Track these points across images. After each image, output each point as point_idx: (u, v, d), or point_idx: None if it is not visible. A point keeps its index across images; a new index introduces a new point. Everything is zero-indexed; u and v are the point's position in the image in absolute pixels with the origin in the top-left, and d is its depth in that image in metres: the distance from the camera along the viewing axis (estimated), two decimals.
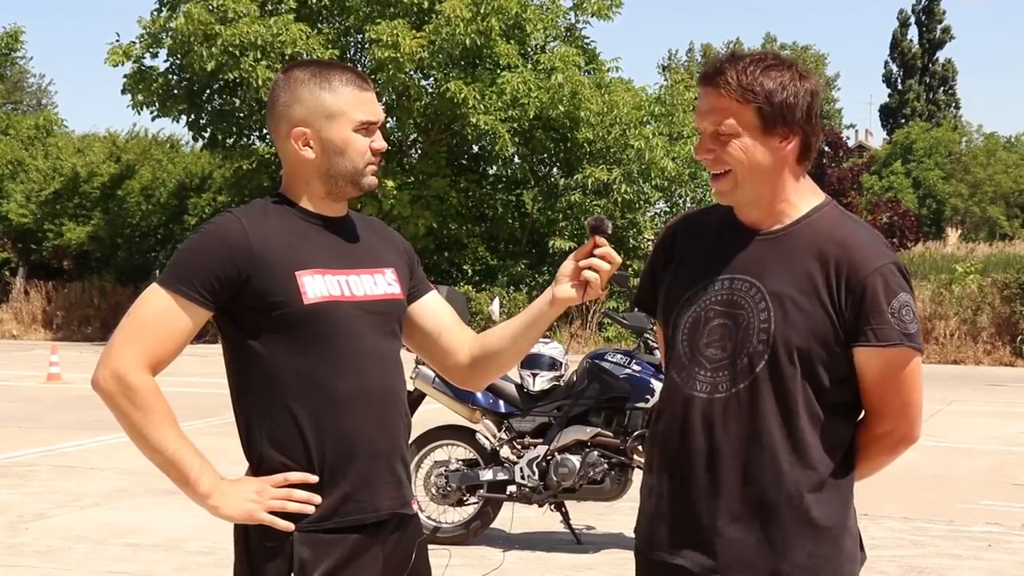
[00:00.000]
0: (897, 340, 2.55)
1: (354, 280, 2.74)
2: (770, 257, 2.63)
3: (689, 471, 2.63)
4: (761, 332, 2.58)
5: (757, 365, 2.57)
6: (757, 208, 2.66)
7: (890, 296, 2.56)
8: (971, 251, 36.44)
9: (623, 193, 25.66)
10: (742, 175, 2.60)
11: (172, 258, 2.71)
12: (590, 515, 8.09)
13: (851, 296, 2.55)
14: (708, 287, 2.67)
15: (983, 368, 22.14)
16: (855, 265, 2.56)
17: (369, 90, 2.78)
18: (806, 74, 2.62)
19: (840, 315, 2.56)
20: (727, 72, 2.57)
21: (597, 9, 27.10)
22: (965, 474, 10.38)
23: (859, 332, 2.55)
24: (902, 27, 61.06)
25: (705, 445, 2.61)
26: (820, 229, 2.63)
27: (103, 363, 2.63)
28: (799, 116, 2.58)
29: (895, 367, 2.59)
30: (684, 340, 2.68)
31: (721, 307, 2.64)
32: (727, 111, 2.57)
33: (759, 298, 2.60)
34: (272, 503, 2.62)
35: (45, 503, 8.68)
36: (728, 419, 2.59)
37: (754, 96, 2.55)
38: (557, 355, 7.62)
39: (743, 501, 2.59)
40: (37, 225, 30.87)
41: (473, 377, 2.99)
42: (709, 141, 2.61)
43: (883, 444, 2.69)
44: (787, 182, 2.64)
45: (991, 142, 54.02)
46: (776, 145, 2.59)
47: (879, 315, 2.55)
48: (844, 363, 2.59)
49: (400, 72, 24.13)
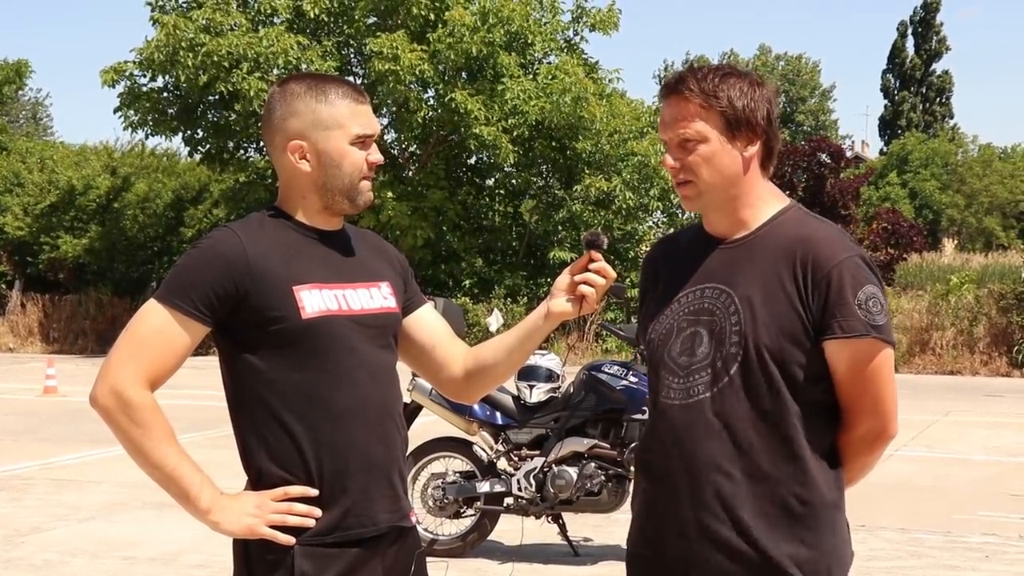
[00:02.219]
0: (864, 331, 2.59)
1: (351, 294, 2.75)
2: (738, 262, 2.68)
3: (672, 477, 2.67)
4: (733, 335, 2.62)
5: (731, 368, 2.62)
6: (723, 214, 2.72)
7: (856, 288, 2.59)
8: (967, 261, 36.45)
9: (627, 200, 25.66)
10: (706, 183, 2.66)
11: (169, 273, 2.71)
12: (587, 527, 8.09)
13: (817, 291, 2.59)
14: (680, 299, 2.73)
15: (980, 378, 22.14)
16: (819, 260, 2.61)
17: (365, 103, 2.79)
18: (762, 81, 2.70)
19: (808, 310, 2.60)
20: (689, 80, 2.64)
21: (597, 22, 27.18)
22: (962, 485, 10.38)
23: (826, 325, 2.59)
24: (901, 38, 61.20)
25: (685, 451, 2.65)
26: (785, 230, 2.69)
27: (101, 379, 2.63)
28: (761, 120, 2.66)
29: (863, 359, 2.62)
30: (659, 351, 2.74)
31: (693, 315, 2.70)
32: (693, 117, 2.64)
33: (729, 303, 2.65)
34: (273, 517, 2.62)
35: (41, 516, 8.67)
36: (705, 423, 2.63)
37: (717, 101, 2.62)
38: (554, 367, 7.62)
39: (726, 503, 2.62)
40: (33, 238, 30.84)
41: (467, 390, 2.99)
42: (676, 151, 2.68)
43: (862, 443, 2.71)
44: (752, 187, 2.70)
45: (987, 153, 54.06)
46: (741, 149, 2.66)
47: (845, 307, 2.58)
48: (817, 360, 2.62)
49: (399, 85, 24.15)
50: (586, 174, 26.12)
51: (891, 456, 11.46)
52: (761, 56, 68.57)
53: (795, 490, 2.62)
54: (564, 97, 24.70)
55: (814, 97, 68.81)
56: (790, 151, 27.49)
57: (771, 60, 68.78)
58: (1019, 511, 9.10)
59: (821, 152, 28.28)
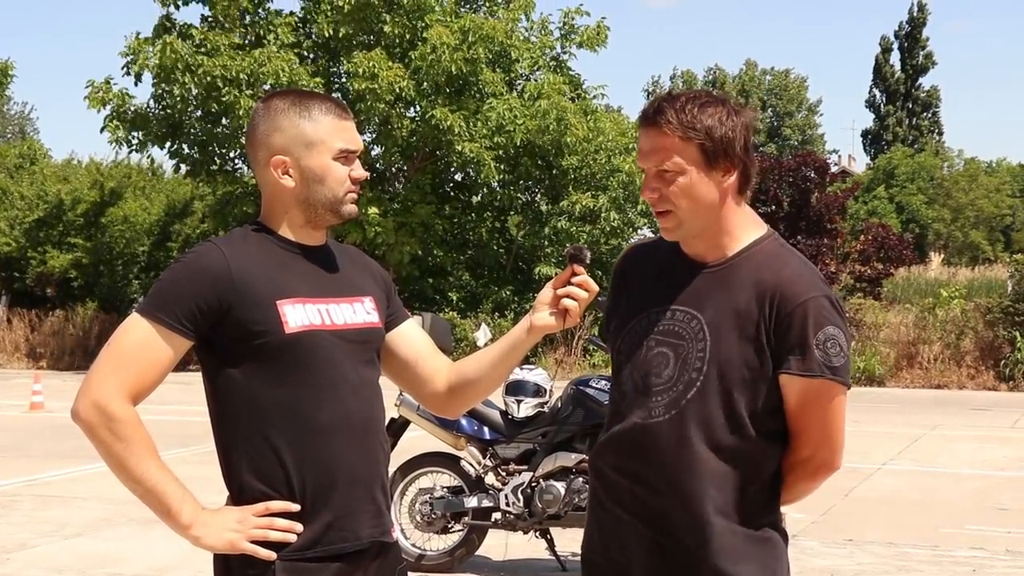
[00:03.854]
0: (818, 372, 2.62)
1: (334, 309, 2.75)
2: (711, 290, 2.71)
3: (624, 494, 2.71)
4: (697, 360, 2.65)
5: (690, 392, 2.65)
6: (702, 240, 2.74)
7: (816, 328, 2.62)
8: (953, 275, 36.57)
9: (610, 220, 25.72)
10: (685, 213, 2.68)
11: (153, 287, 2.71)
12: (575, 542, 8.05)
13: (779, 326, 2.63)
14: (651, 317, 2.76)
15: (967, 392, 22.17)
16: (786, 296, 2.64)
17: (349, 119, 2.80)
18: (740, 109, 2.71)
19: (770, 344, 2.63)
20: (667, 112, 2.65)
21: (585, 40, 27.24)
22: (949, 499, 10.39)
23: (783, 359, 2.63)
24: (884, 52, 61.42)
25: (638, 469, 2.69)
26: (758, 261, 2.71)
27: (83, 393, 2.62)
28: (739, 149, 2.67)
29: (815, 397, 2.66)
30: (625, 367, 2.77)
31: (662, 336, 2.72)
32: (670, 149, 2.65)
33: (698, 328, 2.68)
34: (254, 532, 2.62)
35: (28, 533, 8.64)
36: (660, 444, 2.66)
37: (695, 133, 2.63)
38: (542, 381, 7.62)
39: (672, 525, 2.66)
40: (20, 253, 30.75)
41: (450, 404, 2.99)
42: (654, 180, 2.69)
43: (804, 469, 2.75)
44: (729, 214, 2.73)
45: (972, 167, 54.30)
46: (719, 179, 2.67)
47: (804, 346, 2.62)
48: (776, 392, 2.66)
49: (379, 103, 24.17)
50: (572, 191, 26.18)
51: (878, 470, 11.48)
52: (748, 71, 68.82)
53: (748, 513, 2.67)
54: (547, 117, 24.75)
55: (801, 111, 69.06)
56: (775, 166, 27.54)
57: (758, 75, 69.03)
58: (1006, 525, 9.11)
59: (806, 167, 28.32)
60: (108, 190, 30.90)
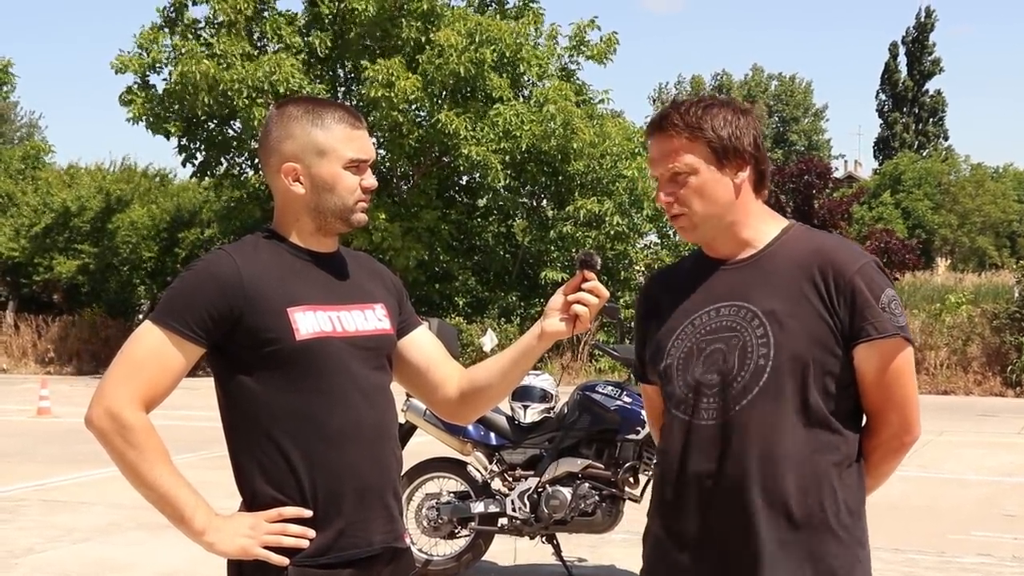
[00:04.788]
0: (893, 331, 2.64)
1: (345, 316, 2.76)
2: (752, 279, 2.71)
3: (709, 496, 2.66)
4: (761, 347, 2.64)
5: (760, 381, 2.63)
6: (724, 240, 2.75)
7: (877, 292, 2.65)
8: (960, 281, 36.53)
9: (615, 226, 25.71)
10: (700, 214, 2.70)
11: (165, 295, 2.72)
12: (582, 547, 8.09)
13: (842, 296, 2.64)
14: (694, 321, 2.74)
15: (973, 398, 22.14)
16: (838, 267, 2.65)
17: (361, 128, 2.81)
18: (745, 109, 2.74)
19: (836, 316, 2.64)
20: (672, 116, 2.69)
21: (595, 54, 27.20)
22: (956, 505, 10.38)
23: (859, 329, 2.64)
24: (893, 58, 61.43)
25: (722, 469, 2.65)
26: (794, 245, 2.73)
27: (96, 401, 2.64)
28: (748, 146, 2.70)
29: (891, 359, 2.66)
30: (679, 375, 2.73)
31: (712, 334, 2.70)
32: (680, 151, 2.68)
33: (751, 317, 2.67)
34: (267, 538, 2.63)
35: (36, 538, 8.65)
36: (738, 439, 2.63)
37: (702, 132, 2.67)
38: (548, 387, 7.62)
39: (766, 517, 2.62)
40: (27, 259, 30.83)
41: (462, 411, 3.00)
42: (667, 185, 2.72)
43: (888, 447, 2.75)
44: (747, 211, 2.74)
45: (979, 173, 54.26)
46: (732, 176, 2.70)
47: (873, 310, 2.63)
48: (847, 367, 2.66)
49: (393, 110, 24.19)
50: (577, 196, 26.16)
51: None
52: (754, 76, 68.82)
53: (832, 498, 2.65)
54: (553, 122, 24.75)
55: (807, 117, 69.04)
56: (776, 172, 27.56)
57: (764, 80, 69.04)
58: (1013, 531, 9.10)
59: (808, 173, 28.35)
60: (114, 196, 30.96)
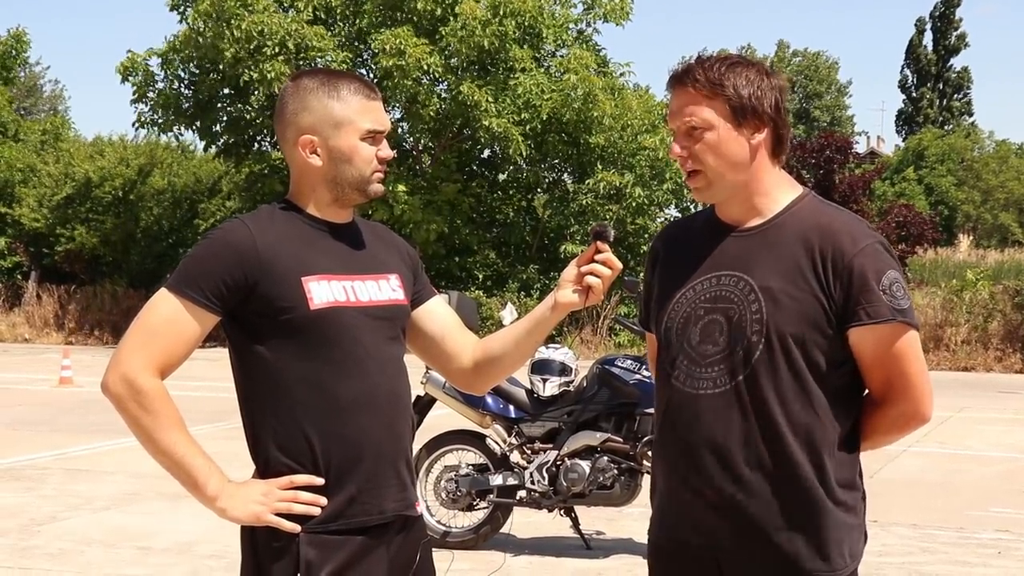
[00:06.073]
0: (889, 316, 2.60)
1: (359, 286, 2.77)
2: (755, 251, 2.69)
3: (701, 467, 2.67)
4: (754, 323, 2.63)
5: (753, 356, 2.62)
6: (736, 203, 2.73)
7: (878, 274, 2.61)
8: (982, 258, 36.37)
9: (636, 198, 25.65)
10: (714, 172, 2.67)
11: (181, 263, 2.73)
12: (600, 520, 8.11)
13: (839, 279, 2.61)
14: (695, 286, 2.73)
15: (993, 375, 22.09)
16: (840, 248, 2.62)
17: (377, 99, 2.81)
18: (772, 72, 2.71)
19: (830, 299, 2.61)
20: (695, 70, 2.66)
21: (609, 12, 27.11)
22: (975, 481, 10.37)
23: (852, 313, 2.61)
24: (919, 34, 61.01)
25: (714, 439, 2.65)
26: (802, 218, 2.70)
27: (112, 367, 2.66)
28: (768, 108, 2.66)
29: (889, 343, 2.63)
30: (676, 339, 2.73)
31: (710, 303, 2.70)
32: (699, 105, 2.65)
33: (748, 291, 2.66)
34: (278, 505, 2.65)
35: (57, 506, 8.72)
36: (732, 412, 2.64)
37: (723, 89, 2.64)
38: (567, 360, 7.63)
39: (755, 489, 2.63)
40: (49, 229, 30.96)
41: (476, 381, 3.01)
42: (683, 139, 2.69)
43: (894, 424, 2.73)
44: (763, 175, 2.71)
45: (1003, 149, 53.89)
46: (748, 136, 2.66)
47: (869, 293, 2.60)
48: (839, 346, 2.63)
49: (406, 79, 24.16)
50: (598, 168, 26.11)
51: (904, 452, 11.45)
52: (780, 52, 68.50)
53: (819, 476, 2.64)
54: (575, 92, 24.67)
55: (830, 93, 68.71)
56: (798, 147, 27.47)
57: (788, 56, 68.72)
58: None
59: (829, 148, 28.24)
60: (136, 168, 31.06)
